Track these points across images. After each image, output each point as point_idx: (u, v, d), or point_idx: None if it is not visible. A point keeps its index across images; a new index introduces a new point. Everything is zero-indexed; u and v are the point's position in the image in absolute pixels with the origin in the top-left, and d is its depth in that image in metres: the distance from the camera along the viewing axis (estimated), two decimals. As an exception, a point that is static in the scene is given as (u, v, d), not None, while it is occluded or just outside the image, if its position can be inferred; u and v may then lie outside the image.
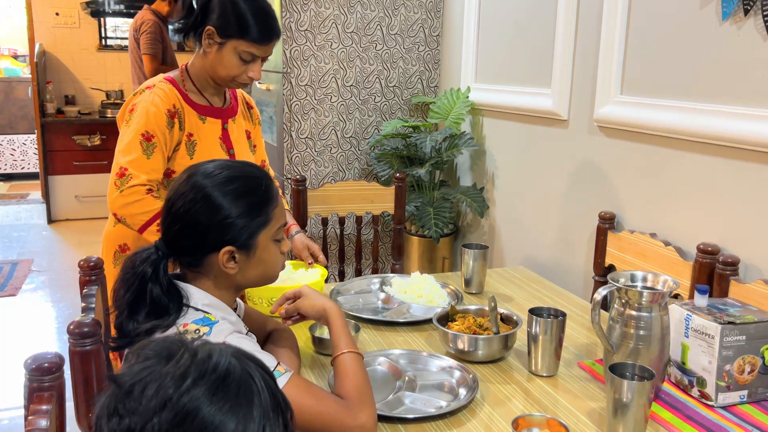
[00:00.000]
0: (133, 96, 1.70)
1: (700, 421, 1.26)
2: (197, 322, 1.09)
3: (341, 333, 1.24)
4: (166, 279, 1.11)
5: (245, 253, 1.14)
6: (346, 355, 1.20)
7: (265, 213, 1.15)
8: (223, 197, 1.11)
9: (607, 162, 2.15)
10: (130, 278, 1.10)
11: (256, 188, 1.16)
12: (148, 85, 1.69)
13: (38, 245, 4.96)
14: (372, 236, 3.15)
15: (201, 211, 1.11)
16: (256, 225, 1.14)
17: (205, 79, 1.72)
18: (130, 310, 1.10)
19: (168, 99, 1.66)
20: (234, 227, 1.12)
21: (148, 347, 0.71)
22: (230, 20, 1.60)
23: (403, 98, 3.22)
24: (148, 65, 4.31)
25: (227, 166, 1.17)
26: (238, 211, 1.12)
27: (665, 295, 1.28)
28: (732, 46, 1.69)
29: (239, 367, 0.70)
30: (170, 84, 1.69)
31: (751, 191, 1.67)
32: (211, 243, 1.11)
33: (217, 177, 1.13)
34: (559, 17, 2.32)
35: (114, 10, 6.05)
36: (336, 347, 1.22)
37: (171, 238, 1.13)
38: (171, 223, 1.13)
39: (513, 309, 1.70)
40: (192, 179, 1.14)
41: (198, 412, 0.65)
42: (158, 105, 1.64)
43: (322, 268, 1.81)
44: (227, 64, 1.64)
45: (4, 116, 6.73)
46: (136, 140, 1.61)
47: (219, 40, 1.62)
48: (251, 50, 1.63)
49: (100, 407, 0.67)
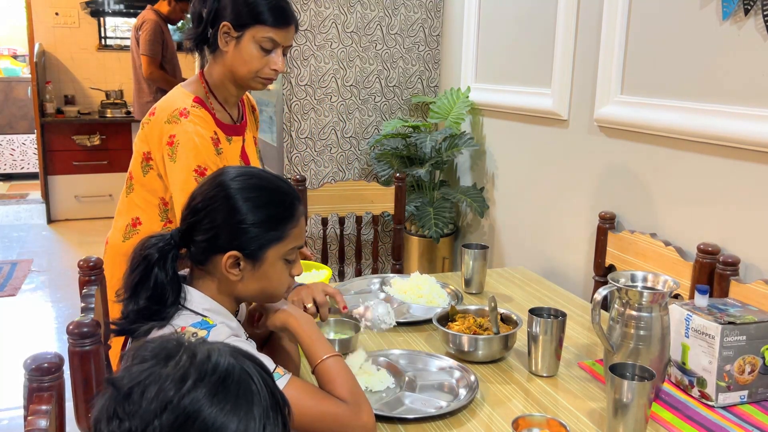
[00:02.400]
0: (167, 123, 1.59)
1: (701, 421, 1.26)
2: (195, 325, 1.08)
3: (313, 340, 1.18)
4: (172, 269, 1.11)
5: (251, 263, 1.12)
6: (328, 361, 1.15)
7: (281, 229, 1.13)
8: (244, 202, 1.11)
9: (607, 162, 2.15)
10: (138, 259, 1.11)
11: (278, 202, 1.14)
12: (179, 109, 1.59)
13: (38, 245, 4.96)
14: (372, 236, 3.15)
15: (218, 209, 1.11)
16: (268, 238, 1.12)
17: (226, 88, 1.66)
18: (133, 291, 1.10)
19: (208, 126, 1.60)
20: (246, 234, 1.10)
21: (146, 348, 0.70)
22: (242, 9, 1.56)
23: (403, 98, 3.22)
24: (145, 66, 4.31)
25: (257, 175, 1.16)
26: (253, 219, 1.10)
27: (665, 295, 1.28)
28: (732, 46, 1.69)
29: (238, 366, 0.70)
30: (201, 107, 1.62)
31: (751, 191, 1.67)
32: (221, 244, 1.11)
33: (243, 182, 1.13)
34: (559, 17, 2.32)
35: (114, 10, 6.05)
36: (313, 356, 1.16)
37: (186, 229, 1.13)
38: (188, 214, 1.14)
39: (513, 309, 1.70)
40: (219, 178, 1.14)
41: (199, 414, 0.65)
42: (203, 135, 1.58)
43: (327, 269, 1.81)
44: (247, 57, 1.58)
45: (3, 116, 6.73)
46: (191, 177, 1.55)
47: (236, 34, 1.57)
48: (270, 35, 1.57)
49: (99, 410, 0.67)
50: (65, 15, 5.98)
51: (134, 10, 5.88)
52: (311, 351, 1.17)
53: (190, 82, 1.69)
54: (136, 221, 1.70)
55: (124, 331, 1.11)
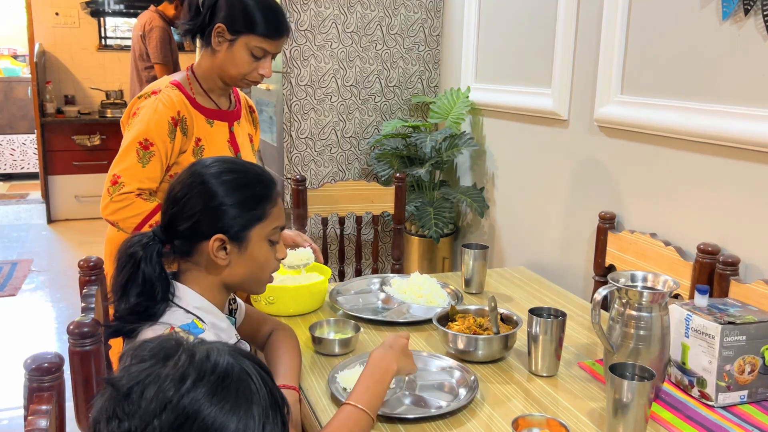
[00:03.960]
0: (138, 99, 1.67)
1: (701, 421, 1.26)
2: (184, 327, 1.08)
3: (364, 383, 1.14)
4: (159, 264, 1.12)
5: (236, 245, 1.14)
6: (348, 407, 1.10)
7: (260, 208, 1.16)
8: (220, 185, 1.13)
9: (607, 162, 2.15)
10: (123, 259, 1.12)
11: (254, 183, 1.17)
12: (153, 89, 1.66)
13: (38, 245, 4.96)
14: (372, 236, 3.15)
15: (196, 195, 1.13)
16: (249, 218, 1.14)
17: (213, 80, 1.70)
18: (123, 291, 1.11)
19: (173, 106, 1.63)
20: (227, 215, 1.13)
21: (144, 348, 0.70)
22: (239, 16, 1.59)
23: (403, 98, 3.22)
24: (160, 74, 4.31)
25: (230, 161, 1.20)
26: (232, 201, 1.13)
27: (665, 295, 1.28)
28: (732, 46, 1.69)
29: (237, 366, 0.70)
30: (177, 89, 1.66)
31: (751, 191, 1.66)
32: (204, 230, 1.12)
33: (218, 167, 1.16)
34: (559, 17, 2.32)
35: (114, 10, 6.05)
36: (353, 392, 1.14)
37: (167, 222, 1.15)
38: (168, 206, 1.16)
39: (513, 309, 1.70)
40: (193, 168, 1.17)
41: (199, 414, 0.65)
42: (161, 112, 1.61)
43: (327, 269, 1.81)
44: (238, 61, 1.63)
45: (3, 116, 6.73)
46: (133, 147, 1.59)
47: (229, 37, 1.61)
48: (262, 45, 1.62)
49: (98, 410, 0.67)
50: (65, 15, 5.98)
51: (134, 10, 5.88)
52: (356, 387, 1.14)
53: (176, 73, 1.75)
54: None
55: (118, 331, 1.11)
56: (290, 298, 1.68)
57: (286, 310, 1.69)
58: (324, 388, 1.33)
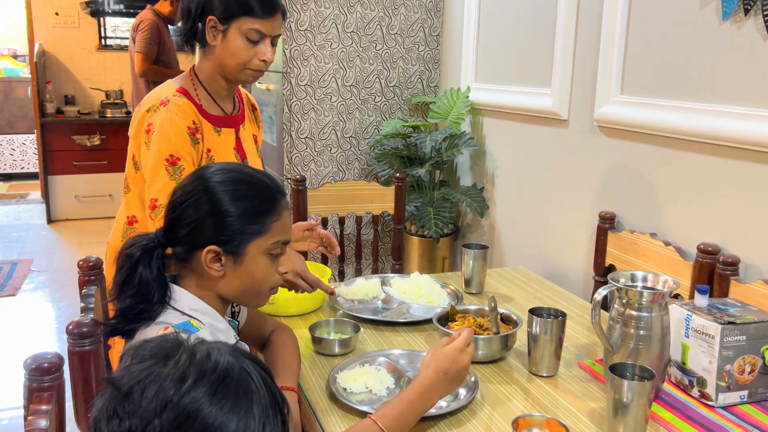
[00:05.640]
0: (146, 113, 1.60)
1: (701, 421, 1.26)
2: (179, 326, 1.06)
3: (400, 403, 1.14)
4: (157, 267, 1.10)
5: (232, 258, 1.11)
6: (367, 420, 1.11)
7: (261, 222, 1.11)
8: (223, 194, 1.10)
9: (607, 162, 2.15)
10: (122, 258, 1.11)
11: (258, 195, 1.13)
12: (161, 99, 1.60)
13: (38, 245, 4.96)
14: (372, 236, 3.15)
15: (198, 202, 1.10)
16: (249, 232, 1.10)
17: (216, 81, 1.66)
18: (119, 291, 1.10)
19: (186, 115, 1.58)
20: (226, 227, 1.09)
21: (145, 348, 0.70)
22: (228, 1, 1.55)
23: (403, 98, 3.22)
24: (139, 64, 4.29)
25: (236, 170, 1.16)
26: (233, 211, 1.10)
27: (665, 295, 1.28)
28: (732, 46, 1.69)
29: (237, 365, 0.70)
30: (184, 97, 1.61)
31: (751, 191, 1.67)
32: (202, 238, 1.10)
33: (223, 175, 1.13)
34: (559, 17, 2.32)
35: (114, 10, 6.05)
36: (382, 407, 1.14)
37: (168, 226, 1.13)
38: (169, 210, 1.14)
39: (513, 309, 1.70)
40: (198, 173, 1.15)
41: (199, 413, 0.65)
42: (178, 124, 1.56)
43: (327, 269, 1.81)
44: (234, 49, 1.58)
45: (3, 116, 6.73)
46: (161, 166, 1.54)
47: (222, 27, 1.57)
48: (255, 26, 1.56)
49: (98, 410, 0.67)
50: (65, 15, 5.98)
51: (134, 10, 5.88)
52: (392, 405, 1.13)
53: (179, 77, 1.70)
54: (132, 219, 1.70)
55: (115, 331, 1.11)
56: (290, 298, 1.68)
57: (286, 310, 1.69)
58: (324, 388, 1.33)
